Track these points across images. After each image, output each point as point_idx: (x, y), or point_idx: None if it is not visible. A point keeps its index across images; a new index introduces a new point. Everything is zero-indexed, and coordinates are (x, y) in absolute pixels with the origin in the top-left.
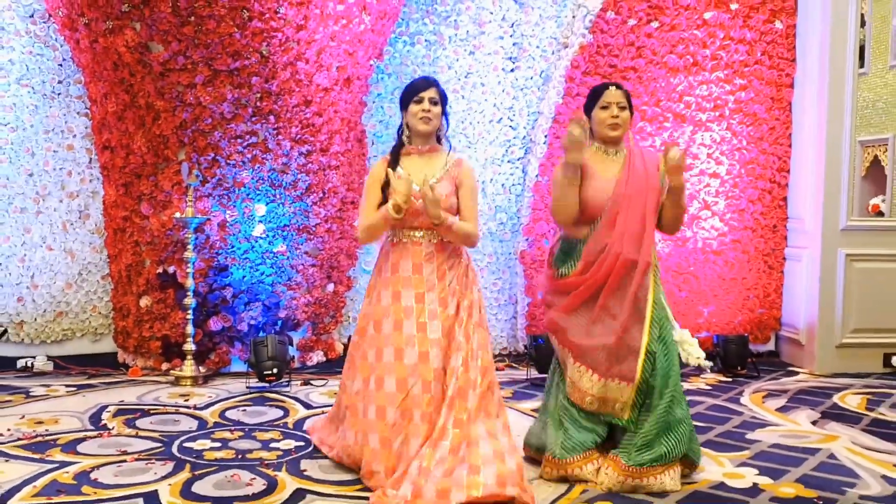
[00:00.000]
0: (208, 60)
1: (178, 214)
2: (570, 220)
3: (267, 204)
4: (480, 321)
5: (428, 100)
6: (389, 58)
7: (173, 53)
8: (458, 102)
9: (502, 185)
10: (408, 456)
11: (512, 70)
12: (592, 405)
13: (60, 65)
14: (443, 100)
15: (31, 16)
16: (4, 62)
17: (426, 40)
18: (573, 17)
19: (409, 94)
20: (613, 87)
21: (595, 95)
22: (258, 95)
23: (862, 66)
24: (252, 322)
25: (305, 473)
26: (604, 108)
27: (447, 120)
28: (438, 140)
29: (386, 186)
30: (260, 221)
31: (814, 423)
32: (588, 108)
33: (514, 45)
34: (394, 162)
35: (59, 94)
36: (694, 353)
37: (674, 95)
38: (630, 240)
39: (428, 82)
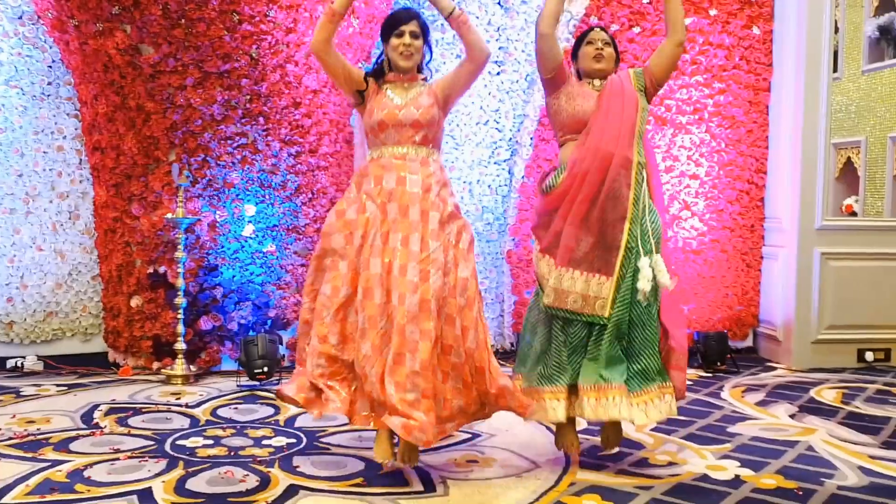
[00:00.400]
0: (198, 63)
1: (168, 215)
2: (551, 24)
3: (256, 204)
4: (468, 249)
5: (409, 33)
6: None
7: (164, 56)
8: None
9: (489, 186)
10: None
11: (498, 73)
12: (576, 303)
13: (50, 66)
14: (424, 32)
15: (20, 17)
16: None
17: None
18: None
19: (390, 27)
20: (598, 28)
21: (581, 37)
22: (248, 97)
23: (836, 70)
24: (242, 321)
25: (298, 469)
26: (589, 44)
27: (430, 49)
28: (419, 71)
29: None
30: (250, 222)
31: (792, 416)
32: (575, 50)
33: (500, 49)
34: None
35: (48, 95)
36: (651, 281)
37: (655, 99)
38: (609, 137)
39: (409, 14)
